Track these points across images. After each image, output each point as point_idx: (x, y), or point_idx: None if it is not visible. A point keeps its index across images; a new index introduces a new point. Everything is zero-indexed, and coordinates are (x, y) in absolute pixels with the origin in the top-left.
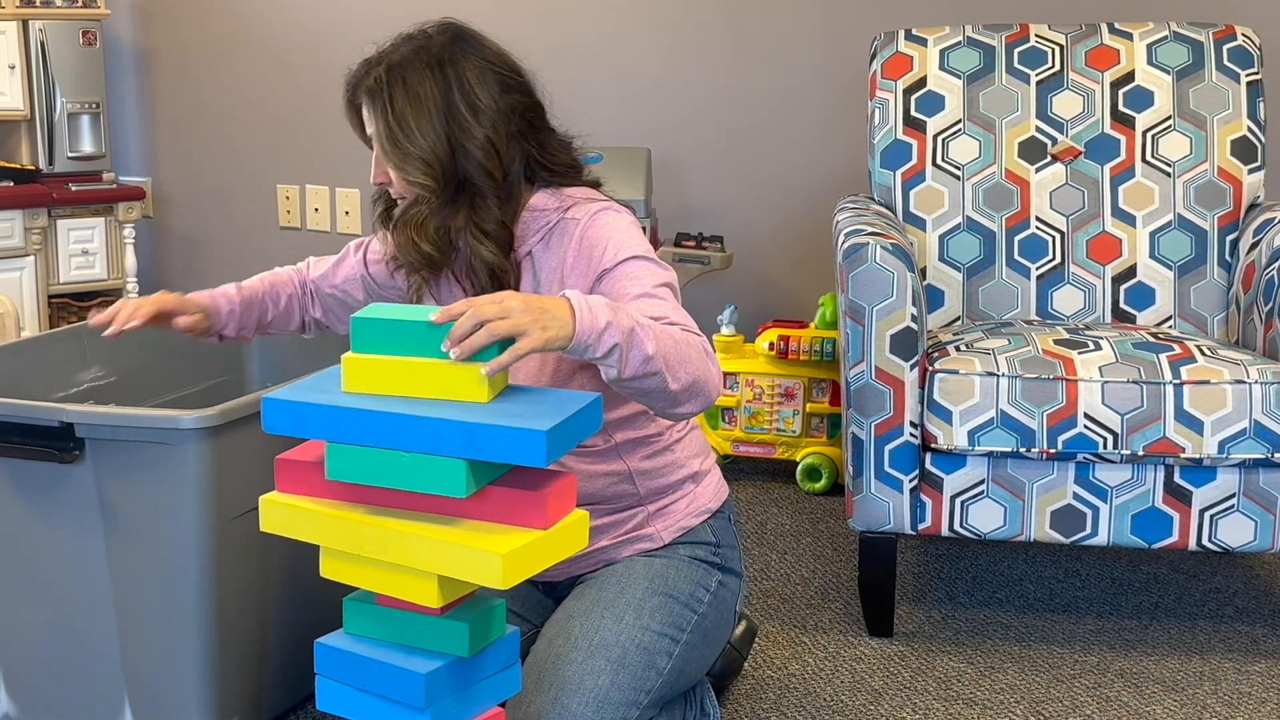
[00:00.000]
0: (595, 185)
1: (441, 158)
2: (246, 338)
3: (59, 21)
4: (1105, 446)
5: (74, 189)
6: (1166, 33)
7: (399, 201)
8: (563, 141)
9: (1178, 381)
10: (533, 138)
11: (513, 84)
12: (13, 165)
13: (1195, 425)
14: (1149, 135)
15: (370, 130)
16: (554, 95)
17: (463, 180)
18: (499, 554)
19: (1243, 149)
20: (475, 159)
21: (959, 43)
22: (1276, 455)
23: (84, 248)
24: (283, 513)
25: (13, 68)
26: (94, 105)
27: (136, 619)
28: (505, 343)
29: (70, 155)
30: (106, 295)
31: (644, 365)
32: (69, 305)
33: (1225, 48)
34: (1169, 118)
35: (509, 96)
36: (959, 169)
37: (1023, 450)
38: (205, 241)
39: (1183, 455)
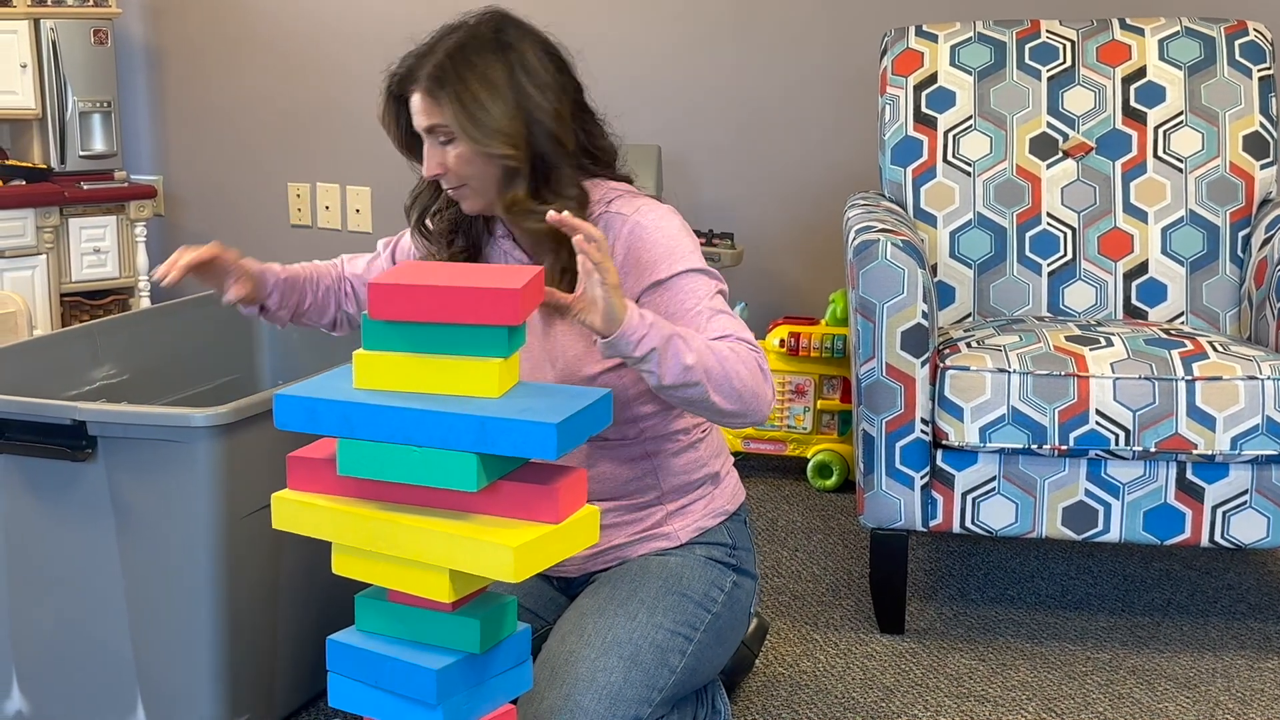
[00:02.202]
0: (629, 180)
1: (519, 131)
2: (283, 319)
3: (70, 20)
4: (1117, 443)
5: (85, 188)
6: (1178, 28)
7: (450, 197)
8: (600, 126)
9: (1190, 378)
10: (580, 117)
11: (563, 65)
12: (25, 164)
13: (1207, 421)
14: (1160, 131)
15: (430, 120)
16: None
17: (539, 152)
18: (510, 547)
19: (1255, 144)
20: (547, 130)
21: (970, 39)
22: None
23: (95, 246)
24: (295, 510)
25: (24, 67)
26: (105, 104)
27: (148, 616)
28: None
29: (82, 154)
30: (118, 294)
31: (684, 374)
32: (81, 304)
33: (1237, 43)
34: (1181, 113)
35: (562, 76)
36: (970, 165)
37: (1034, 447)
38: (216, 239)
39: (1195, 452)
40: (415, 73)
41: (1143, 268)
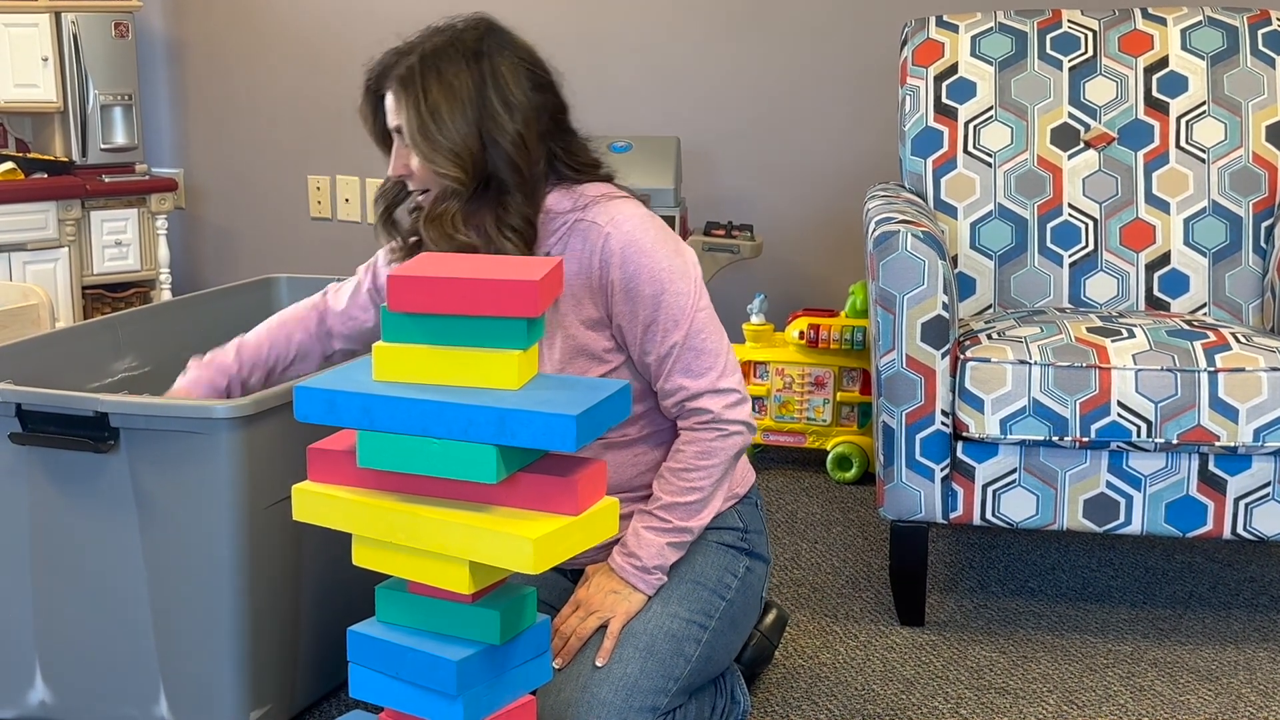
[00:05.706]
0: (609, 179)
1: (473, 150)
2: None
3: (91, 13)
4: (1139, 435)
5: (107, 180)
6: (1200, 17)
7: (416, 198)
8: (583, 144)
9: (1212, 369)
10: (558, 137)
11: (543, 83)
12: (46, 157)
13: (1230, 413)
14: (1183, 121)
15: (397, 120)
16: (583, 84)
17: (490, 175)
18: (530, 539)
19: (1278, 135)
20: (505, 154)
21: (990, 29)
22: None
23: (117, 239)
24: (315, 501)
25: (45, 60)
26: (126, 97)
27: (171, 607)
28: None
29: (103, 147)
30: (139, 286)
31: (696, 534)
32: (103, 296)
33: (1260, 32)
34: (1203, 103)
35: (539, 95)
36: (990, 156)
37: (1055, 439)
38: (237, 232)
39: (1217, 443)
40: (389, 71)
41: (1165, 259)
